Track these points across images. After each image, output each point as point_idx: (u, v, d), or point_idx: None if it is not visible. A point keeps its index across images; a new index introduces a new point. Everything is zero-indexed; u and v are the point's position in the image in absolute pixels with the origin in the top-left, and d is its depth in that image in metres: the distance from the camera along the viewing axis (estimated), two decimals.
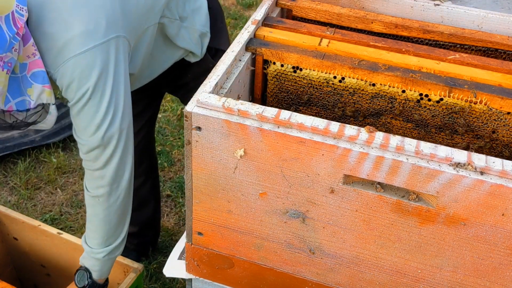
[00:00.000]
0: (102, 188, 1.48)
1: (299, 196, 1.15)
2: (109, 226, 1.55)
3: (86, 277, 1.61)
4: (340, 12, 1.42)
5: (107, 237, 1.56)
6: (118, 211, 1.53)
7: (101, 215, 1.52)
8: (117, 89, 1.40)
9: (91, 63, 1.34)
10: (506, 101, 1.20)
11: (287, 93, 1.37)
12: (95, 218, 1.54)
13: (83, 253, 1.61)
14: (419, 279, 1.18)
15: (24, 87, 1.36)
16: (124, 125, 1.44)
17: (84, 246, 1.60)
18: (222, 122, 1.10)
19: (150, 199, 2.38)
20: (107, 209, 1.51)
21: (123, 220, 1.58)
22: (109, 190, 1.48)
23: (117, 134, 1.43)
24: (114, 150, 1.44)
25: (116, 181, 1.48)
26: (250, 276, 1.35)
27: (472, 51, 1.37)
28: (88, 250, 1.59)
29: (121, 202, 1.52)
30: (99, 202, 1.50)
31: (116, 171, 1.46)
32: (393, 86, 1.26)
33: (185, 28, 1.71)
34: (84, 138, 1.43)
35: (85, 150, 1.44)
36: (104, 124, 1.39)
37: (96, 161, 1.45)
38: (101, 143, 1.41)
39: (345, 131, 1.05)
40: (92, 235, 1.57)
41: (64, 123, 3.21)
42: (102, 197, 1.49)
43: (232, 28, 4.25)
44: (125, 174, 1.49)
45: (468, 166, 1.00)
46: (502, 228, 1.03)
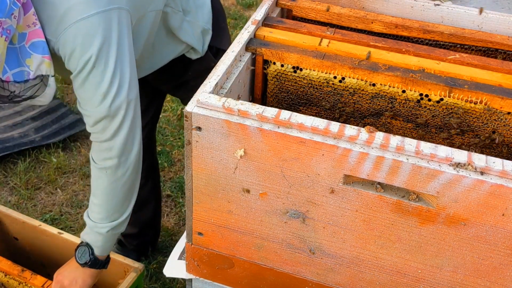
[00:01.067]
0: (110, 160, 1.44)
1: (299, 196, 1.15)
2: (115, 201, 1.51)
3: (88, 253, 1.57)
4: (340, 12, 1.42)
5: (112, 212, 1.52)
6: (125, 185, 1.50)
7: (108, 189, 1.49)
8: (121, 59, 1.37)
9: (93, 30, 1.31)
10: (506, 101, 1.20)
11: (287, 93, 1.37)
12: (101, 191, 1.50)
13: (85, 228, 1.57)
14: (419, 279, 1.18)
15: (22, 57, 1.33)
16: (132, 96, 1.41)
17: (86, 220, 1.56)
18: (222, 122, 1.10)
19: (150, 199, 2.38)
20: (114, 182, 1.48)
21: (129, 196, 1.54)
22: (117, 163, 1.44)
23: (125, 105, 1.39)
24: (122, 121, 1.40)
25: (124, 153, 1.44)
26: (250, 276, 1.35)
27: (472, 51, 1.37)
28: (91, 225, 1.54)
29: (129, 176, 1.48)
30: (106, 175, 1.47)
31: (125, 143, 1.43)
32: (393, 86, 1.27)
33: (187, 22, 1.71)
34: (90, 109, 1.40)
35: (92, 122, 1.41)
36: (111, 94, 1.36)
37: (103, 132, 1.41)
38: (109, 113, 1.38)
39: (345, 131, 1.05)
40: (96, 209, 1.53)
41: (64, 123, 3.21)
42: (110, 169, 1.46)
43: (232, 28, 4.25)
44: (134, 148, 1.46)
45: (468, 166, 1.00)
46: (502, 228, 1.03)
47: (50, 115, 3.26)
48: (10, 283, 1.77)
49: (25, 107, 3.31)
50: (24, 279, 1.73)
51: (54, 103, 3.34)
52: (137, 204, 2.36)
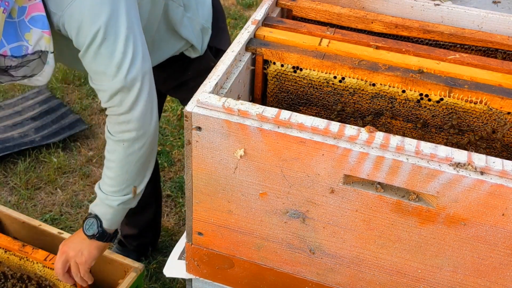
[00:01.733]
0: (128, 132, 1.42)
1: (299, 196, 1.15)
2: (129, 175, 1.48)
3: (97, 225, 1.53)
4: (340, 12, 1.42)
5: (125, 186, 1.50)
6: (141, 159, 1.47)
7: (123, 162, 1.46)
8: (132, 29, 1.35)
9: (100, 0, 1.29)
10: (506, 101, 1.20)
11: (287, 93, 1.37)
12: (116, 164, 1.47)
13: (95, 200, 1.55)
14: (419, 279, 1.18)
15: (21, 32, 1.30)
16: (146, 67, 1.39)
17: (98, 192, 1.53)
18: (222, 122, 1.10)
19: (151, 202, 2.38)
20: (130, 155, 1.45)
21: (143, 171, 1.51)
22: (135, 136, 1.42)
23: (140, 76, 1.37)
24: (139, 93, 1.38)
25: (143, 127, 1.42)
26: (250, 276, 1.35)
27: (472, 51, 1.37)
28: (102, 197, 1.52)
29: (145, 151, 1.46)
30: (123, 147, 1.44)
31: (143, 116, 1.41)
32: (393, 86, 1.27)
33: (188, 18, 1.70)
34: (105, 83, 1.37)
35: (107, 96, 1.38)
36: (125, 64, 1.34)
37: (121, 106, 1.39)
38: (125, 84, 1.36)
39: (345, 131, 1.05)
40: (109, 182, 1.50)
41: (64, 123, 3.21)
42: (127, 142, 1.43)
43: (232, 28, 4.26)
44: (152, 121, 1.44)
45: (468, 166, 1.00)
46: (502, 228, 1.03)
47: (50, 115, 3.26)
48: (10, 260, 1.74)
49: (25, 107, 3.32)
50: (25, 253, 1.70)
51: (54, 103, 3.34)
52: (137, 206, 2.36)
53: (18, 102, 3.37)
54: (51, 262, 1.67)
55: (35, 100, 3.37)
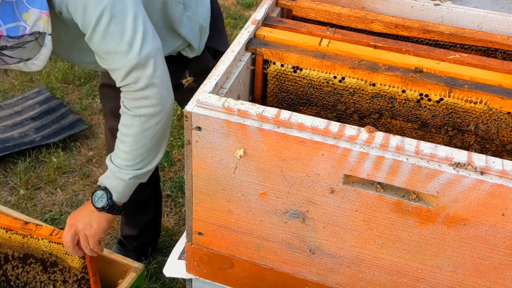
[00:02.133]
0: (145, 108, 1.41)
1: (299, 196, 1.15)
2: (144, 149, 1.47)
3: (107, 198, 1.52)
4: (340, 12, 1.42)
5: (139, 160, 1.49)
6: (157, 134, 1.46)
7: (139, 136, 1.45)
8: (139, 8, 1.34)
9: None
10: (506, 101, 1.20)
11: (287, 93, 1.37)
12: (131, 138, 1.46)
13: (106, 172, 1.54)
14: (419, 279, 1.18)
15: (19, 12, 1.28)
16: (158, 44, 1.38)
17: (109, 165, 1.52)
18: (222, 122, 1.10)
19: (151, 203, 2.38)
20: (147, 130, 1.44)
21: (158, 147, 1.50)
22: (152, 112, 1.41)
23: (154, 52, 1.37)
24: (154, 69, 1.37)
25: (161, 103, 1.41)
26: (250, 276, 1.35)
27: (472, 51, 1.37)
28: (114, 170, 1.51)
29: (161, 126, 1.45)
30: (140, 122, 1.43)
31: (161, 92, 1.40)
32: (393, 86, 1.27)
33: (187, 17, 1.70)
34: (118, 61, 1.36)
35: (122, 75, 1.37)
36: (137, 40, 1.33)
37: (137, 83, 1.38)
38: (139, 61, 1.35)
39: (345, 131, 1.05)
40: (122, 155, 1.49)
41: (64, 123, 3.21)
42: (145, 117, 1.42)
43: (232, 28, 4.25)
44: (169, 97, 1.44)
45: (468, 166, 1.00)
46: (502, 228, 1.03)
47: (50, 115, 3.26)
48: (13, 239, 1.71)
49: (25, 107, 3.32)
50: (29, 231, 1.68)
51: (54, 103, 3.34)
52: (137, 207, 2.36)
53: (18, 102, 3.37)
54: (58, 236, 1.64)
55: (35, 100, 3.37)
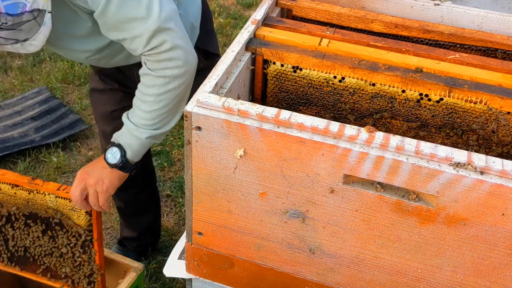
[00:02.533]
0: (170, 69, 1.41)
1: (299, 196, 1.15)
2: (164, 110, 1.47)
3: (120, 155, 1.51)
4: (340, 12, 1.42)
5: (158, 120, 1.48)
6: (179, 96, 1.46)
7: (161, 97, 1.44)
8: None
9: None
10: (506, 101, 1.20)
11: (287, 93, 1.37)
12: (153, 98, 1.45)
13: (122, 129, 1.52)
14: (419, 279, 1.18)
15: None
16: (174, 6, 1.38)
17: (126, 122, 1.51)
18: (222, 122, 1.10)
19: (149, 205, 2.37)
20: (169, 91, 1.44)
21: (178, 108, 1.50)
22: (177, 73, 1.41)
23: (173, 14, 1.36)
24: (177, 31, 1.37)
25: (185, 64, 1.41)
26: (250, 276, 1.35)
27: (472, 51, 1.37)
28: (131, 127, 1.50)
29: (184, 87, 1.45)
30: (164, 83, 1.42)
31: (185, 53, 1.40)
32: (393, 86, 1.26)
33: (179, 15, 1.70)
34: (139, 28, 1.35)
35: (145, 40, 1.36)
36: (154, 4, 1.33)
37: (162, 45, 1.37)
38: (159, 24, 1.34)
39: (345, 131, 1.05)
40: (141, 114, 1.48)
41: (64, 123, 3.21)
42: (169, 78, 1.42)
43: (232, 28, 4.25)
44: (193, 59, 1.43)
45: (468, 166, 1.00)
46: (502, 228, 1.03)
47: (50, 115, 3.26)
48: (18, 195, 1.70)
49: (25, 107, 3.32)
50: (36, 186, 1.67)
51: (54, 103, 3.34)
52: (136, 210, 2.36)
53: (18, 102, 3.37)
54: (65, 191, 1.63)
55: (35, 100, 3.37)
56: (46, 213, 1.70)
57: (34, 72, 3.70)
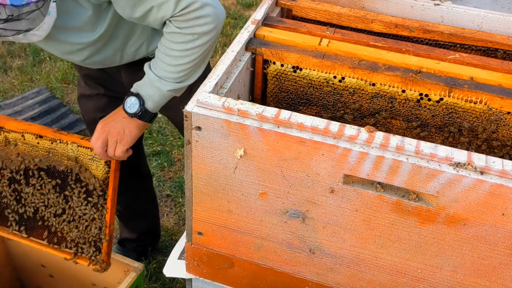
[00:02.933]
0: (199, 27, 1.41)
1: (299, 196, 1.15)
2: (190, 65, 1.47)
3: (139, 104, 1.51)
4: (340, 12, 1.42)
5: (183, 74, 1.48)
6: (205, 52, 1.47)
7: (189, 52, 1.44)
8: None
9: None
10: (506, 101, 1.20)
11: (287, 93, 1.37)
12: (179, 53, 1.45)
13: (143, 79, 1.53)
14: (419, 279, 1.18)
15: None
16: None
17: (148, 73, 1.51)
18: (222, 122, 1.10)
19: (147, 208, 2.37)
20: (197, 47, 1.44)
21: (202, 62, 1.50)
22: (206, 29, 1.41)
23: None
24: None
25: (215, 20, 1.41)
26: (250, 276, 1.35)
27: (472, 51, 1.37)
28: (153, 79, 1.49)
29: (211, 44, 1.46)
30: (192, 39, 1.42)
31: (214, 9, 1.40)
32: (393, 86, 1.27)
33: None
34: None
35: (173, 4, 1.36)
36: None
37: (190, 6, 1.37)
38: None
39: (345, 131, 1.05)
40: (166, 67, 1.47)
41: (64, 123, 3.21)
42: (198, 35, 1.42)
43: (232, 28, 4.25)
44: (222, 14, 1.44)
45: (468, 166, 1.00)
46: (502, 228, 1.03)
47: (50, 115, 3.26)
48: (40, 145, 1.71)
49: (25, 107, 3.32)
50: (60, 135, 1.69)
51: (54, 103, 3.34)
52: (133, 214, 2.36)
53: (18, 102, 3.37)
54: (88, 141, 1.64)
55: (35, 100, 3.37)
56: (64, 166, 1.70)
57: (34, 72, 3.70)
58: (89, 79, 1.89)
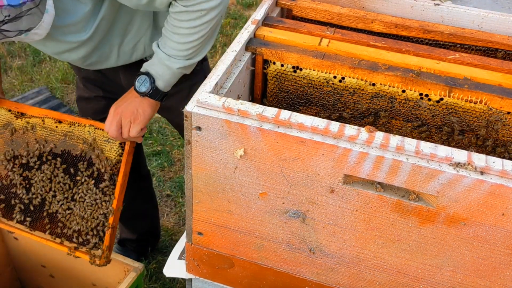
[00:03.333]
0: (205, 3, 1.40)
1: (299, 196, 1.15)
2: (199, 41, 1.47)
3: (150, 82, 1.51)
4: (340, 12, 1.42)
5: (192, 51, 1.49)
6: (213, 27, 1.47)
7: (197, 29, 1.44)
8: None
9: None
10: (506, 101, 1.20)
11: (287, 93, 1.37)
12: (187, 30, 1.44)
13: (152, 59, 1.53)
14: (419, 279, 1.18)
15: None
16: None
17: (157, 52, 1.51)
18: (222, 122, 1.10)
19: (146, 209, 2.37)
20: (205, 23, 1.43)
21: (210, 38, 1.51)
22: (213, 4, 1.40)
23: None
24: None
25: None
26: (250, 276, 1.35)
27: (472, 51, 1.37)
28: (162, 57, 1.50)
29: (218, 19, 1.46)
30: (199, 16, 1.42)
31: None
32: (393, 86, 1.27)
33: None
34: None
35: None
36: None
37: None
38: None
39: (345, 131, 1.05)
40: (174, 45, 1.47)
41: None
42: (205, 11, 1.41)
43: (232, 28, 4.25)
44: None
45: (468, 166, 1.00)
46: (502, 228, 1.03)
47: None
48: (58, 128, 1.73)
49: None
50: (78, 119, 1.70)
51: (54, 103, 3.34)
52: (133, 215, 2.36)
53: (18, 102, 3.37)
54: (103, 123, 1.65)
55: (35, 100, 3.37)
56: (79, 150, 1.70)
57: (34, 72, 3.70)
58: (88, 81, 1.89)
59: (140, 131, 1.58)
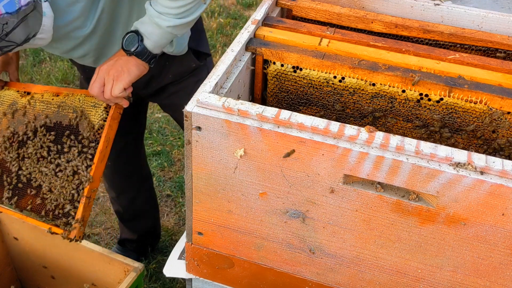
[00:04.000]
0: None
1: (299, 196, 1.15)
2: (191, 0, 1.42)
3: (137, 40, 1.46)
4: (340, 12, 1.42)
5: (184, 10, 1.43)
6: None
7: None
8: None
9: None
10: (506, 101, 1.20)
11: (287, 93, 1.38)
12: None
13: (143, 17, 1.48)
14: (419, 279, 1.18)
15: None
16: None
17: (148, 8, 1.46)
18: (222, 122, 1.10)
19: (147, 209, 2.37)
20: None
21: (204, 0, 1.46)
22: None
23: None
24: None
25: None
26: (250, 276, 1.35)
27: (472, 51, 1.37)
28: (152, 14, 1.44)
29: None
30: None
31: None
32: (393, 86, 1.27)
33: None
34: None
35: None
36: None
37: None
38: None
39: (345, 131, 1.05)
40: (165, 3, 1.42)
41: None
42: None
43: (232, 28, 4.25)
44: None
45: (468, 166, 1.00)
46: (502, 228, 1.03)
47: None
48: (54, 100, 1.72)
49: None
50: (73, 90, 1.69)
51: None
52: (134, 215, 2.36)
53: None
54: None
55: None
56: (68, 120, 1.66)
57: (34, 72, 3.70)
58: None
59: (123, 90, 1.51)
